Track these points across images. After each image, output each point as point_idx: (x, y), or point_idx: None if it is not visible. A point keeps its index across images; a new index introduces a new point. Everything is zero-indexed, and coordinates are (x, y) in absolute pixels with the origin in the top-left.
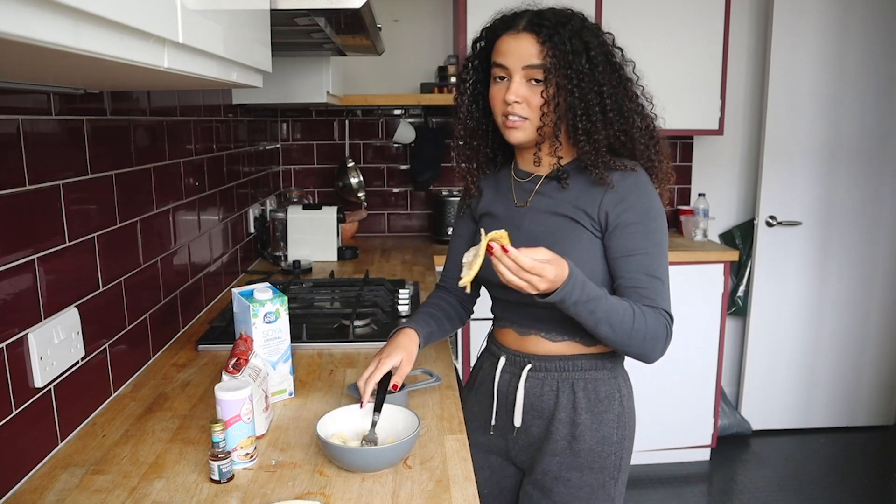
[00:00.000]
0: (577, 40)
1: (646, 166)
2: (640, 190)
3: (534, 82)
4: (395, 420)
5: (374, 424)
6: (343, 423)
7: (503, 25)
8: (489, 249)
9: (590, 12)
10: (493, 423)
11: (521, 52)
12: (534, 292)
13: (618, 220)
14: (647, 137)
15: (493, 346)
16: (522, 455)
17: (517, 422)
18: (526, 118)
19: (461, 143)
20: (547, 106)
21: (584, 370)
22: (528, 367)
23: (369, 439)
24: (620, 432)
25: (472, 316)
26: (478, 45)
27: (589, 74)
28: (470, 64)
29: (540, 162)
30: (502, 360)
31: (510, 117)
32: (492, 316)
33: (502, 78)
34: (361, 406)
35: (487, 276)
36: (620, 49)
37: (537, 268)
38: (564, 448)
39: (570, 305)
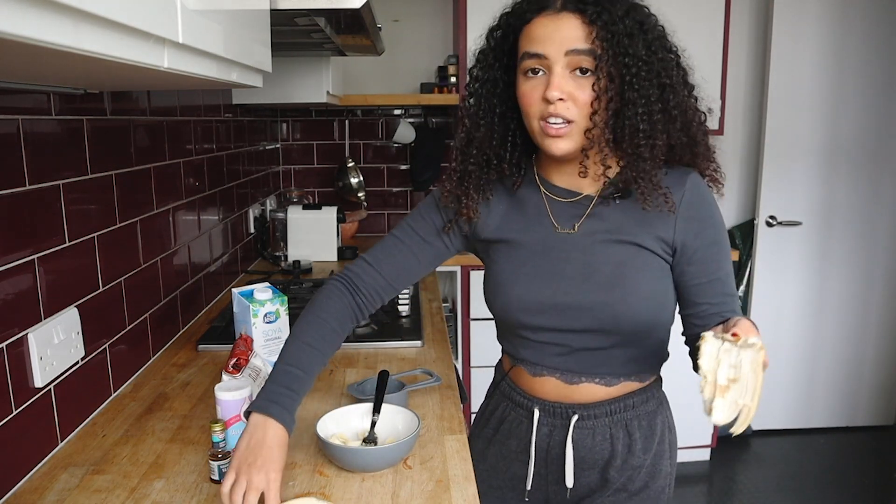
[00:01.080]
0: (630, 20)
1: (702, 168)
2: (708, 201)
3: (579, 73)
4: (395, 420)
5: (373, 424)
6: (343, 423)
7: (534, 5)
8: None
9: None
10: (528, 487)
11: (562, 34)
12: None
13: (696, 243)
14: (705, 134)
15: (517, 394)
16: None
17: (569, 482)
18: (571, 121)
19: (464, 157)
20: (598, 102)
21: (635, 407)
22: (575, 417)
23: (369, 439)
24: (671, 459)
25: (472, 316)
26: (495, 34)
27: (648, 62)
28: (484, 58)
29: (586, 173)
30: (537, 413)
31: (552, 121)
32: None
33: (536, 71)
34: None
35: (522, 320)
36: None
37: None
38: (619, 490)
39: None
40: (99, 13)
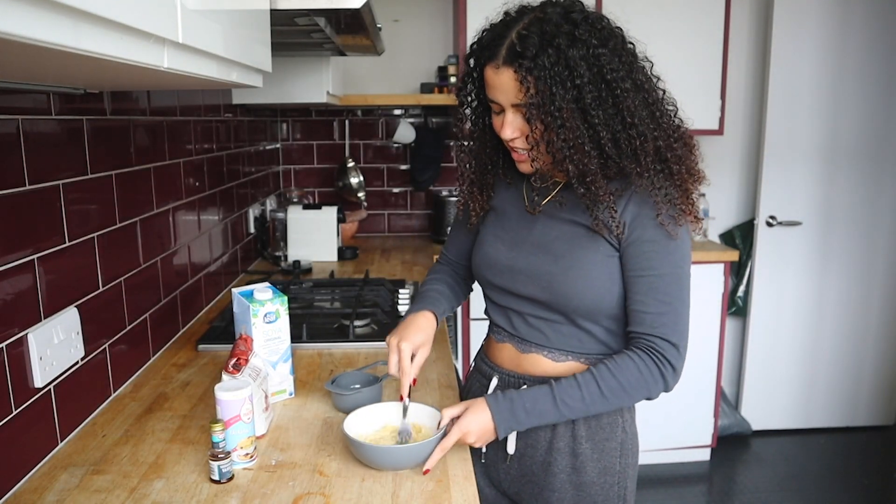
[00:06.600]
0: (561, 67)
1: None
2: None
3: (524, 117)
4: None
5: (405, 411)
6: (363, 425)
7: (485, 54)
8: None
9: None
10: (483, 449)
11: (504, 88)
12: (478, 445)
13: (637, 234)
14: (660, 160)
15: (485, 364)
16: (516, 486)
17: (510, 449)
18: (530, 148)
19: (468, 168)
20: (540, 140)
21: None
22: (524, 388)
23: (404, 431)
24: (623, 461)
25: (472, 316)
26: (469, 62)
27: (573, 110)
28: (463, 86)
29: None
30: (494, 381)
31: (514, 149)
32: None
33: (497, 110)
34: (401, 399)
35: (486, 277)
36: (632, 44)
37: (462, 436)
38: (564, 482)
39: (524, 427)
40: (99, 13)
